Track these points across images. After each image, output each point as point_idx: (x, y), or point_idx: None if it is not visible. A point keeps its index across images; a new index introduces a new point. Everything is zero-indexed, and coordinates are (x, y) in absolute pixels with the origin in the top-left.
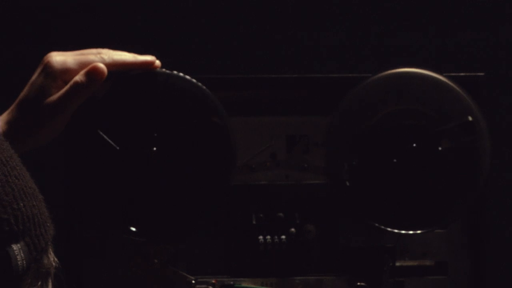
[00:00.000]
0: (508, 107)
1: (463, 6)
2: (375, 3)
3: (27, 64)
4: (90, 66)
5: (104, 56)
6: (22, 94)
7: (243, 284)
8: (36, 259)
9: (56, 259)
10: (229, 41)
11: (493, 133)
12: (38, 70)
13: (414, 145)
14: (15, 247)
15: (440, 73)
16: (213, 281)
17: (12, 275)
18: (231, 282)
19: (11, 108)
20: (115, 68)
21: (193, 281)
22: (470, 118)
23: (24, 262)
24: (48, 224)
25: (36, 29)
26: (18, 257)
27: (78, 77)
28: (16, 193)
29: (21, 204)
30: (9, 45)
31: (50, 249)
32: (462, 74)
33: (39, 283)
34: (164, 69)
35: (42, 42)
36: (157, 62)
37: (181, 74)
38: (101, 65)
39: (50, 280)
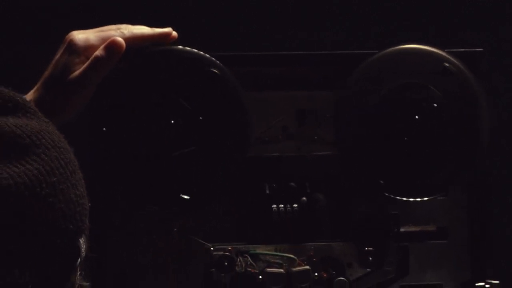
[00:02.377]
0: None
1: (463, 6)
2: (375, 3)
3: (27, 64)
4: (109, 40)
5: (123, 31)
6: (46, 72)
7: (258, 250)
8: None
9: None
10: (232, 37)
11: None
12: (61, 49)
13: (417, 117)
14: (81, 240)
15: (442, 49)
16: (230, 248)
17: (78, 261)
18: (246, 249)
19: (36, 87)
20: (135, 41)
21: (211, 248)
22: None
23: (84, 253)
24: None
25: (36, 29)
26: (82, 247)
27: (98, 52)
28: (85, 191)
29: (87, 200)
30: (9, 45)
31: None
32: (461, 49)
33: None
34: (180, 46)
35: (42, 42)
36: (174, 33)
37: (195, 50)
38: (119, 39)
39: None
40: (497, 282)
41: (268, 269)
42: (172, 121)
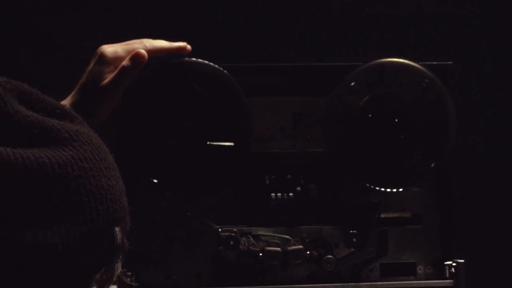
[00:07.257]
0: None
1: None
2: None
3: (27, 64)
4: (134, 52)
5: (146, 44)
6: (81, 80)
7: (259, 232)
8: (123, 241)
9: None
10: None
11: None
12: (93, 61)
13: (396, 120)
14: (117, 229)
15: (417, 62)
16: (235, 230)
17: (114, 248)
18: (249, 230)
19: (72, 93)
20: (156, 52)
21: (219, 230)
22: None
23: (120, 241)
24: (128, 216)
25: (36, 29)
26: (118, 236)
27: (125, 62)
28: (122, 191)
29: (124, 199)
30: (9, 45)
31: None
32: (434, 63)
33: (120, 258)
34: (195, 58)
35: (42, 42)
36: (188, 47)
37: (206, 61)
38: (142, 51)
39: (120, 261)
40: (462, 261)
41: (267, 248)
42: (190, 124)
